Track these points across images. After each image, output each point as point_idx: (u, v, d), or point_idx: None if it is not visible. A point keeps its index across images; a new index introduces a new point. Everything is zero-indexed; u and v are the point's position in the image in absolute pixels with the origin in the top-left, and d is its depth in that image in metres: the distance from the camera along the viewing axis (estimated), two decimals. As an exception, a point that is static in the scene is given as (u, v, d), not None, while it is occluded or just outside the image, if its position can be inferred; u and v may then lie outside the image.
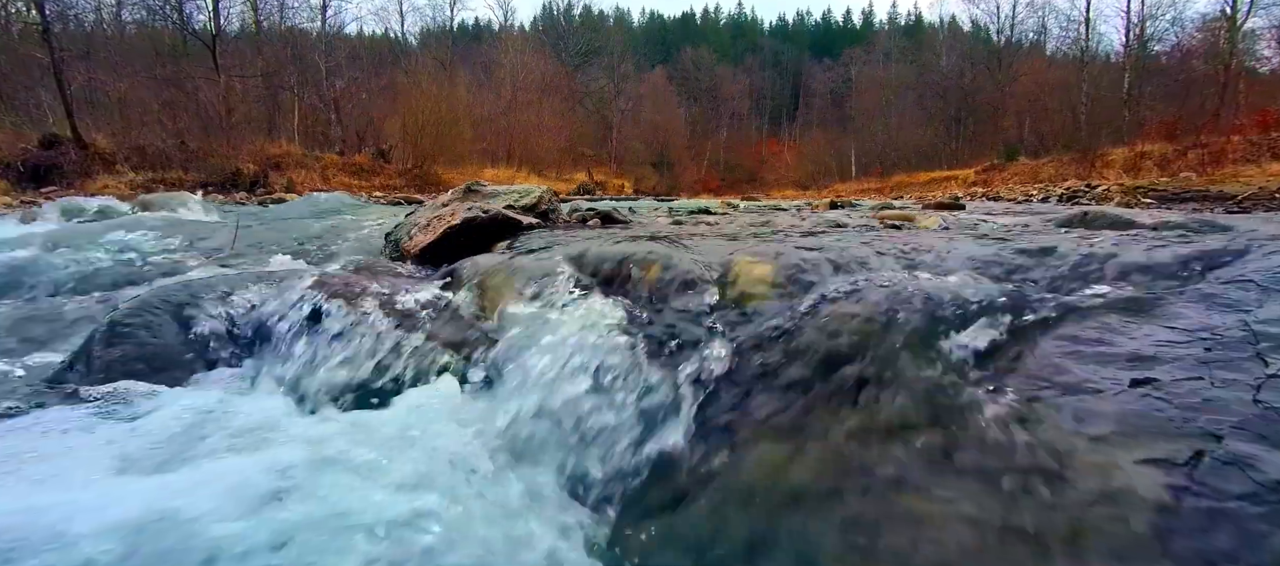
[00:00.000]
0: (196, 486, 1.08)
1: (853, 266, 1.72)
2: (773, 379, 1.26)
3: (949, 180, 22.82)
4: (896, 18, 55.49)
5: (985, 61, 30.10)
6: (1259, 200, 6.29)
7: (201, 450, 1.29)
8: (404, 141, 18.49)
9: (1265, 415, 0.85)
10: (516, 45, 32.35)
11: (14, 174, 10.62)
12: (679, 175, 36.14)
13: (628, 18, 55.68)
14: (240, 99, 16.69)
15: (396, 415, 1.47)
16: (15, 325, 2.40)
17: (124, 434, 1.37)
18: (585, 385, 1.37)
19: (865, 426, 1.07)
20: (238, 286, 2.06)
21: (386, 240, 3.25)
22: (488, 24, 46.27)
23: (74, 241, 3.75)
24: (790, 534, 0.97)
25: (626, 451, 1.24)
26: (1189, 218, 2.90)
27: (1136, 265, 1.51)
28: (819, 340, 1.27)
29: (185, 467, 1.21)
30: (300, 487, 1.09)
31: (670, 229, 3.03)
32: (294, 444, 1.31)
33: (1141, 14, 22.77)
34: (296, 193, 11.41)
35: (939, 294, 1.29)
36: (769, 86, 51.00)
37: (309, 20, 23.31)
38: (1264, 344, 1.01)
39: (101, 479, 1.16)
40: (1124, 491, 0.81)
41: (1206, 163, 13.35)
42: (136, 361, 1.79)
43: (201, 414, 1.49)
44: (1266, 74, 20.09)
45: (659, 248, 1.98)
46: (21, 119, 13.32)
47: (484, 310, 1.87)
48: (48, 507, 1.04)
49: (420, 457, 1.28)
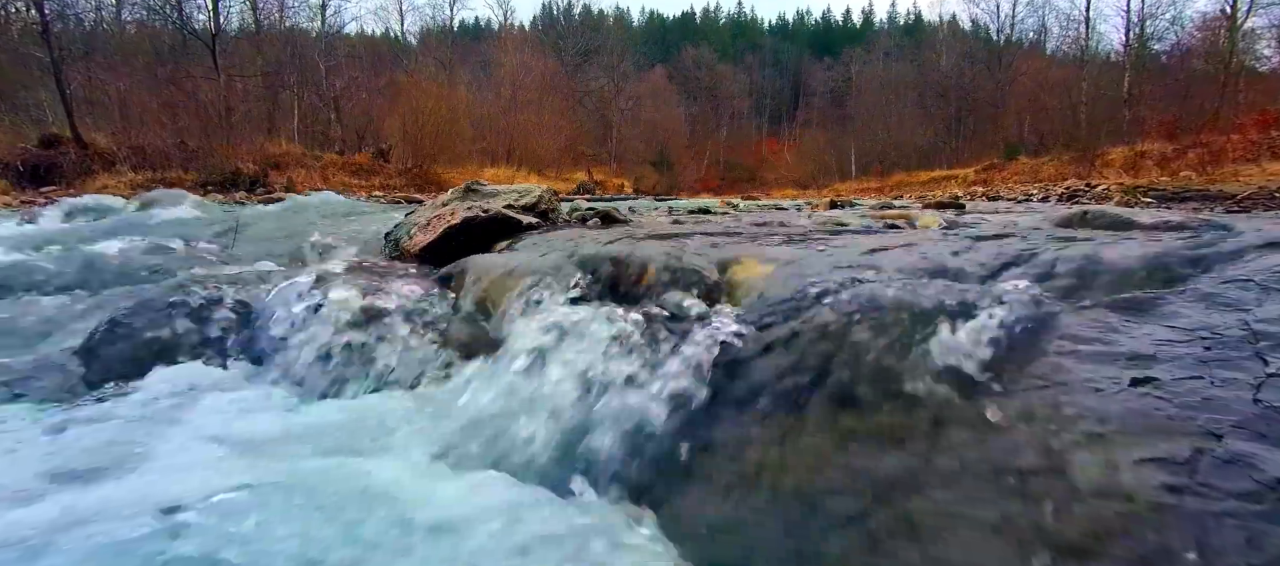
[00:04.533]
0: (195, 483, 1.09)
1: (852, 266, 1.72)
2: (771, 378, 1.26)
3: (949, 179, 22.81)
4: (896, 17, 55.58)
5: (985, 61, 30.09)
6: (1259, 200, 6.29)
7: (201, 448, 1.29)
8: (404, 141, 18.47)
9: (1265, 414, 0.85)
10: (516, 45, 32.33)
11: (13, 173, 10.61)
12: (679, 174, 36.14)
13: (627, 17, 55.68)
14: (240, 98, 16.66)
15: (396, 412, 1.47)
16: (15, 324, 2.40)
17: (124, 432, 1.37)
18: (584, 383, 1.37)
19: (864, 425, 1.07)
20: (237, 285, 2.06)
21: (386, 239, 3.25)
22: (488, 23, 46.33)
23: (74, 240, 3.75)
24: (787, 532, 0.97)
25: (623, 449, 1.24)
26: (1189, 217, 2.90)
27: (1136, 264, 1.51)
28: (818, 339, 1.27)
29: (185, 466, 1.20)
30: (300, 484, 1.10)
31: (670, 228, 3.03)
32: (294, 442, 1.31)
33: (1141, 13, 22.78)
34: (296, 192, 11.40)
35: (939, 293, 1.29)
36: (769, 86, 50.99)
37: (309, 20, 23.32)
38: (1264, 344, 1.01)
39: (101, 477, 1.16)
40: (1124, 491, 0.81)
41: (1206, 162, 13.34)
42: (136, 359, 1.79)
43: (201, 413, 1.50)
44: (1266, 74, 20.07)
45: (659, 247, 1.98)
46: (21, 118, 13.31)
47: (484, 309, 1.87)
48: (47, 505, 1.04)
49: (421, 456, 1.28)
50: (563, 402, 1.35)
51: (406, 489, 1.12)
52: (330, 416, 1.50)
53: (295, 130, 18.77)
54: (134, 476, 1.18)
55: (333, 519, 1.02)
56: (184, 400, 1.58)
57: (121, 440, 1.33)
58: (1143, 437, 0.87)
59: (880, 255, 1.83)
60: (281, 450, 1.30)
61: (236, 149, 13.38)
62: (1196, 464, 0.81)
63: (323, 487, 1.10)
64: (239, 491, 1.07)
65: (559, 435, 1.30)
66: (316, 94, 20.42)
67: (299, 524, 1.00)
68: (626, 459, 1.22)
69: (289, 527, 0.99)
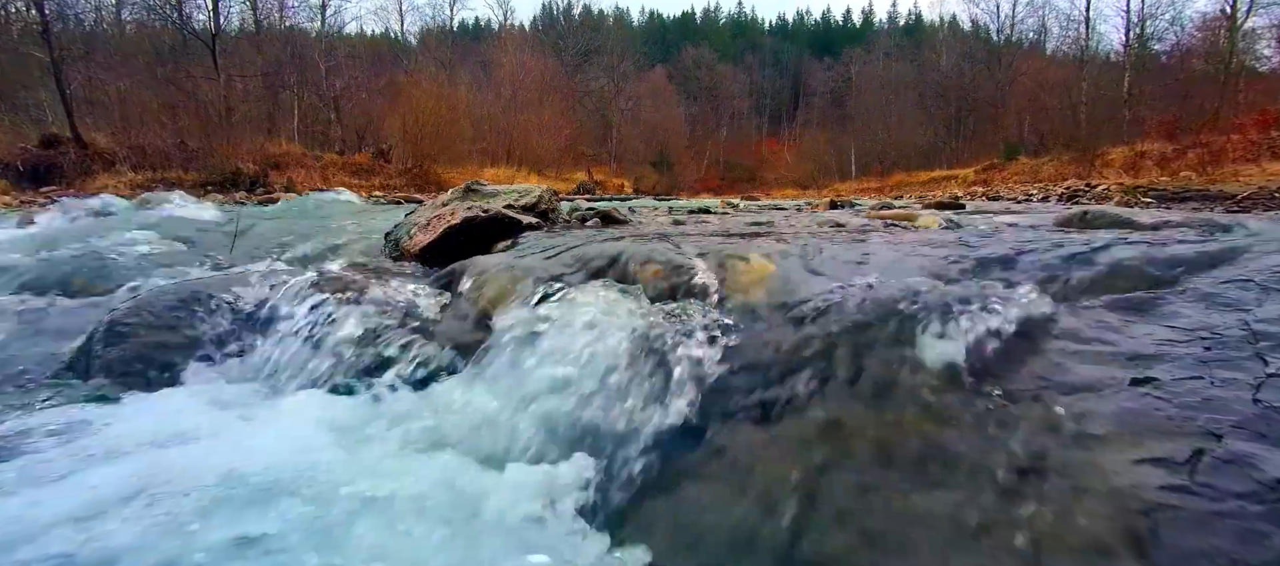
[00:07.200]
0: (193, 480, 1.09)
1: (852, 266, 1.72)
2: (771, 377, 1.26)
3: (949, 179, 22.80)
4: (896, 17, 55.57)
5: (985, 61, 30.09)
6: (1259, 200, 6.29)
7: (199, 446, 1.29)
8: (404, 141, 18.47)
9: (1265, 415, 0.85)
10: (516, 45, 32.33)
11: (13, 173, 10.61)
12: (679, 174, 36.14)
13: (627, 17, 55.65)
14: (240, 98, 16.68)
15: (395, 410, 1.47)
16: (15, 324, 2.40)
17: (123, 430, 1.37)
18: (582, 382, 1.37)
19: (862, 424, 1.07)
20: (237, 285, 2.06)
21: (386, 239, 3.25)
22: (487, 23, 46.33)
23: (74, 241, 3.75)
24: (784, 529, 0.97)
25: (621, 448, 1.24)
26: (1189, 217, 2.90)
27: (1136, 264, 1.51)
28: (817, 338, 1.27)
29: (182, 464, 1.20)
30: (297, 482, 1.10)
31: (670, 228, 3.03)
32: (291, 442, 1.31)
33: (1141, 13, 22.79)
34: (296, 192, 11.40)
35: (938, 293, 1.29)
36: (769, 86, 50.99)
37: (309, 20, 23.33)
38: (1264, 344, 1.01)
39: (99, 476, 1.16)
40: (1124, 491, 0.81)
41: (1206, 162, 13.34)
42: (135, 360, 1.79)
43: (200, 411, 1.50)
44: (1266, 74, 20.07)
45: (659, 247, 1.98)
46: (21, 118, 13.31)
47: (484, 309, 1.87)
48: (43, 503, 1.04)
49: (421, 455, 1.28)
50: (563, 402, 1.35)
51: (406, 488, 1.12)
52: (330, 416, 1.50)
53: (295, 130, 18.77)
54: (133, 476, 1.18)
55: (333, 519, 1.02)
56: (184, 400, 1.58)
57: (120, 440, 1.33)
58: (1143, 437, 0.87)
59: (880, 255, 1.83)
60: (281, 450, 1.30)
61: (236, 149, 13.38)
62: (1196, 464, 0.81)
63: (323, 486, 1.10)
64: (238, 492, 1.07)
65: (558, 434, 1.30)
66: (316, 94, 20.42)
67: (297, 526, 1.00)
68: (626, 458, 1.22)
69: (288, 526, 0.99)
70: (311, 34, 22.82)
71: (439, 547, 0.98)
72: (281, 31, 21.61)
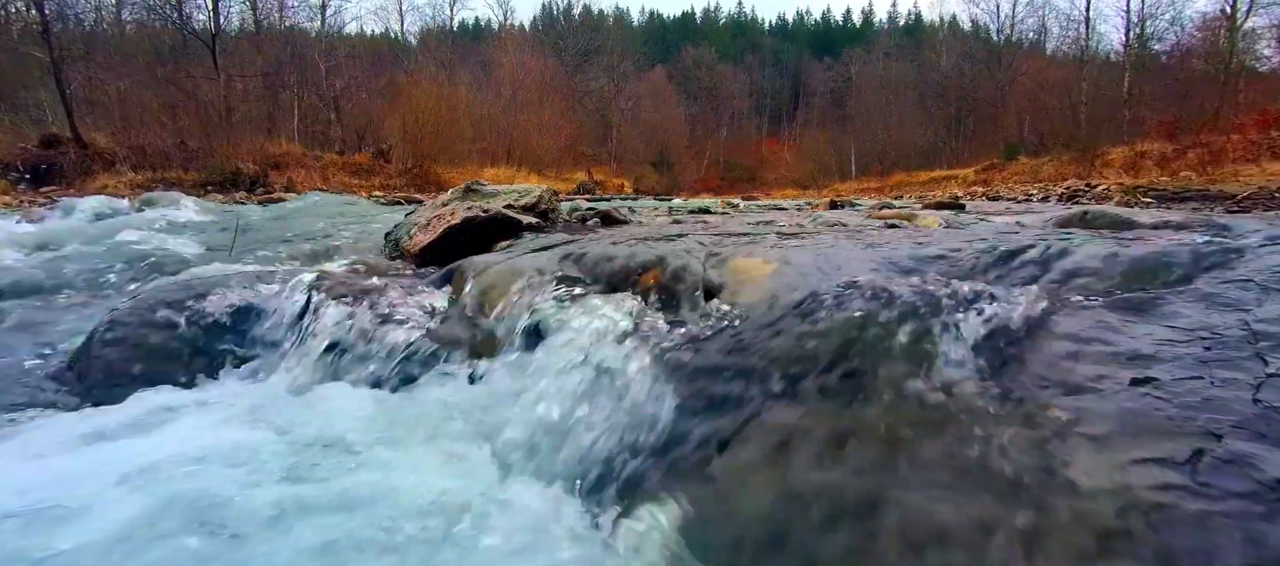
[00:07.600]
0: (191, 480, 1.09)
1: (852, 265, 1.72)
2: (770, 377, 1.26)
3: (949, 179, 22.81)
4: (896, 17, 55.57)
5: (985, 61, 30.09)
6: (1259, 200, 6.29)
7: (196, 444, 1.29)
8: (404, 141, 18.46)
9: (1265, 415, 0.85)
10: (516, 45, 32.32)
11: (14, 173, 10.61)
12: (679, 174, 36.12)
13: (627, 17, 55.64)
14: (240, 98, 16.67)
15: (393, 409, 1.47)
16: (15, 324, 2.40)
17: (123, 430, 1.37)
18: (583, 382, 1.37)
19: (861, 424, 1.07)
20: (236, 285, 2.06)
21: (386, 239, 3.25)
22: (487, 23, 46.34)
23: (74, 241, 3.75)
24: (783, 530, 0.97)
25: (620, 449, 1.24)
26: (1189, 217, 2.90)
27: (1136, 264, 1.51)
28: (817, 338, 1.27)
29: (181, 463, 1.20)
30: (297, 479, 1.10)
31: (670, 228, 3.03)
32: (292, 443, 1.31)
33: (1141, 13, 22.79)
34: (296, 192, 11.39)
35: (938, 293, 1.29)
36: (769, 86, 50.99)
37: (309, 20, 23.33)
38: (1264, 344, 1.01)
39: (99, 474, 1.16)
40: (1123, 491, 0.81)
41: (1206, 162, 13.34)
42: (135, 360, 1.79)
43: (199, 411, 1.50)
44: (1266, 74, 20.07)
45: (659, 247, 1.98)
46: (21, 118, 13.31)
47: (484, 309, 1.87)
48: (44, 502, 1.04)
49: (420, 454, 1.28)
50: (562, 401, 1.35)
51: (405, 487, 1.12)
52: (329, 416, 1.50)
53: (295, 130, 18.77)
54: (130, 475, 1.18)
55: (331, 520, 1.02)
56: (184, 400, 1.58)
57: (116, 441, 1.33)
58: (1143, 437, 0.87)
59: (879, 255, 1.83)
60: (280, 450, 1.30)
61: (237, 149, 13.37)
62: (1196, 464, 0.81)
63: (322, 488, 1.10)
64: (235, 491, 1.07)
65: (557, 433, 1.30)
66: (316, 94, 20.42)
67: (297, 520, 1.00)
68: (625, 457, 1.22)
69: (287, 527, 0.99)
70: (311, 34, 22.82)
71: (429, 547, 0.98)
72: (281, 31, 21.60)
